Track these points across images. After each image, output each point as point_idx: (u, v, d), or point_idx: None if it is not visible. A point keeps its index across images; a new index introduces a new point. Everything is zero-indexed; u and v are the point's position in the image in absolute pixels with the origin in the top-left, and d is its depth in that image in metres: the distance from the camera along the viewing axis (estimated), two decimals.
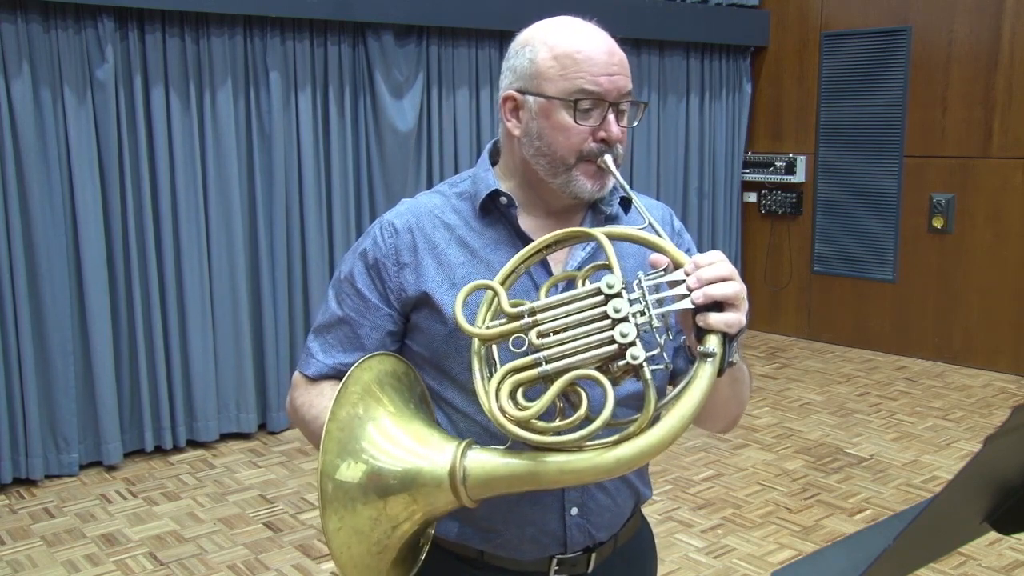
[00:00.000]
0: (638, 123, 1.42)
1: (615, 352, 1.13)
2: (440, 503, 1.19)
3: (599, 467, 1.13)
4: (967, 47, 5.75)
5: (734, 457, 4.50)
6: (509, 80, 1.37)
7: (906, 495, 4.04)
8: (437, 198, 1.43)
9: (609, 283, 1.15)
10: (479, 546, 1.40)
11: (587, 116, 1.31)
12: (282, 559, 3.52)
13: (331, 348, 1.41)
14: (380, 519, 1.17)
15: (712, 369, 1.14)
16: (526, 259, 1.24)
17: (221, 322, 4.73)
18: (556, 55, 1.32)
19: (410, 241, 1.38)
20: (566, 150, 1.32)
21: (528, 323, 1.16)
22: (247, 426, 4.83)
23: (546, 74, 1.32)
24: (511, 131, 1.37)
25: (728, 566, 3.44)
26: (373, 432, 1.19)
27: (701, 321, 1.15)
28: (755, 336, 6.88)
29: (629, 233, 1.24)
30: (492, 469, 1.17)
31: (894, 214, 6.17)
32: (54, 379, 4.27)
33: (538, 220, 1.40)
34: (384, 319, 1.39)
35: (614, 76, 1.32)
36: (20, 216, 4.12)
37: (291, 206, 4.88)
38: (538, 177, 1.37)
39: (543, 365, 1.14)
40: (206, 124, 4.60)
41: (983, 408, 5.18)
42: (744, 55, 6.74)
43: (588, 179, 1.34)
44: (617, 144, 1.34)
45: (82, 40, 4.22)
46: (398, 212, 1.42)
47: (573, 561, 1.42)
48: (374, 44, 5.04)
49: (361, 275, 1.40)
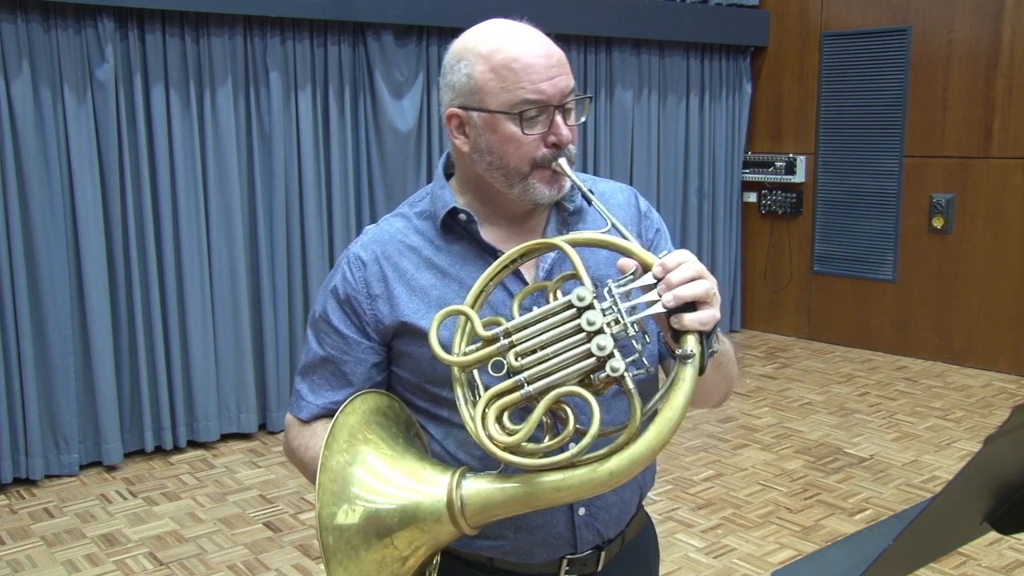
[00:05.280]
0: (585, 118, 1.41)
1: (595, 365, 1.13)
2: (442, 535, 1.19)
3: (594, 482, 1.13)
4: (967, 47, 5.75)
5: (734, 457, 4.50)
6: (450, 97, 1.34)
7: (906, 495, 4.04)
8: (399, 221, 1.43)
9: (580, 296, 1.14)
10: (489, 554, 1.40)
11: (534, 124, 1.30)
12: (282, 559, 3.52)
13: (319, 388, 1.41)
14: (385, 561, 1.16)
15: (693, 370, 1.13)
16: (493, 277, 1.24)
17: (221, 322, 4.73)
18: (493, 67, 1.29)
19: (378, 272, 1.37)
20: (519, 161, 1.31)
21: (505, 345, 1.16)
22: (247, 426, 4.83)
23: (486, 88, 1.29)
24: (460, 148, 1.36)
25: (728, 566, 3.44)
26: (366, 476, 1.18)
27: (676, 323, 1.14)
28: (755, 336, 6.89)
29: (593, 238, 1.23)
30: (489, 495, 1.17)
31: (894, 214, 6.17)
32: (54, 379, 4.27)
33: (501, 229, 1.39)
34: (366, 352, 1.38)
35: (555, 79, 1.30)
36: (20, 216, 4.12)
37: (291, 206, 4.88)
38: (495, 189, 1.36)
39: (525, 387, 1.14)
40: (206, 124, 4.60)
41: (983, 408, 5.18)
42: (744, 55, 6.74)
43: (545, 185, 1.33)
44: (569, 145, 1.33)
45: (82, 40, 4.22)
46: (363, 243, 1.41)
47: (583, 561, 1.42)
48: (374, 44, 5.04)
49: (335, 312, 1.39)
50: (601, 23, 5.81)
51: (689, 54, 6.47)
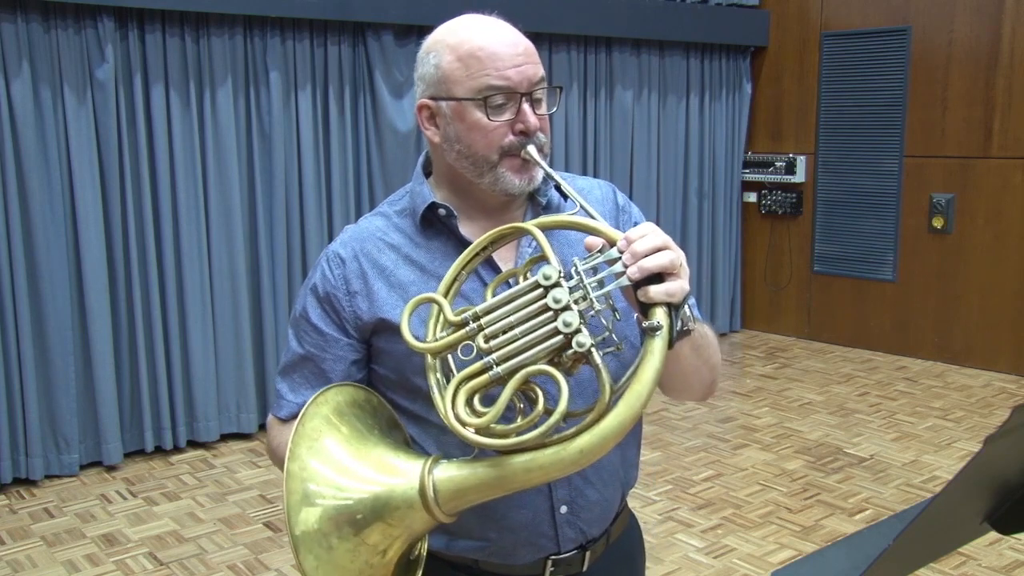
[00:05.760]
0: (557, 109, 1.41)
1: (562, 343, 1.12)
2: (417, 523, 1.18)
3: (564, 460, 1.12)
4: (967, 47, 5.75)
5: (734, 457, 4.50)
6: (421, 89, 1.37)
7: (906, 495, 4.04)
8: (379, 220, 1.44)
9: (546, 274, 1.14)
10: (473, 555, 1.40)
11: (500, 111, 1.31)
12: (282, 559, 3.52)
13: (299, 387, 1.41)
14: (359, 550, 1.15)
15: (662, 343, 1.12)
16: (465, 264, 1.24)
17: (221, 322, 4.73)
18: (459, 56, 1.31)
19: (357, 268, 1.38)
20: (486, 148, 1.32)
21: (473, 329, 1.15)
22: (247, 426, 4.84)
23: (452, 76, 1.32)
24: (431, 139, 1.37)
25: (728, 566, 3.44)
26: (336, 465, 1.17)
27: (642, 295, 1.13)
28: (755, 336, 6.89)
29: (560, 220, 1.23)
30: (460, 480, 1.16)
31: (894, 214, 6.17)
32: (54, 379, 4.27)
33: (478, 223, 1.39)
34: (345, 349, 1.39)
35: (521, 67, 1.31)
36: (20, 216, 4.12)
37: (291, 206, 4.88)
38: (466, 180, 1.37)
39: (494, 368, 1.14)
40: (206, 124, 4.60)
41: (983, 408, 5.18)
42: (744, 55, 6.74)
43: (514, 174, 1.33)
44: (539, 133, 1.33)
45: (82, 40, 4.22)
46: (343, 241, 1.42)
47: (568, 561, 1.42)
48: (374, 44, 5.04)
49: (315, 310, 1.39)
50: (601, 23, 5.81)
51: (689, 54, 6.47)
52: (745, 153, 6.87)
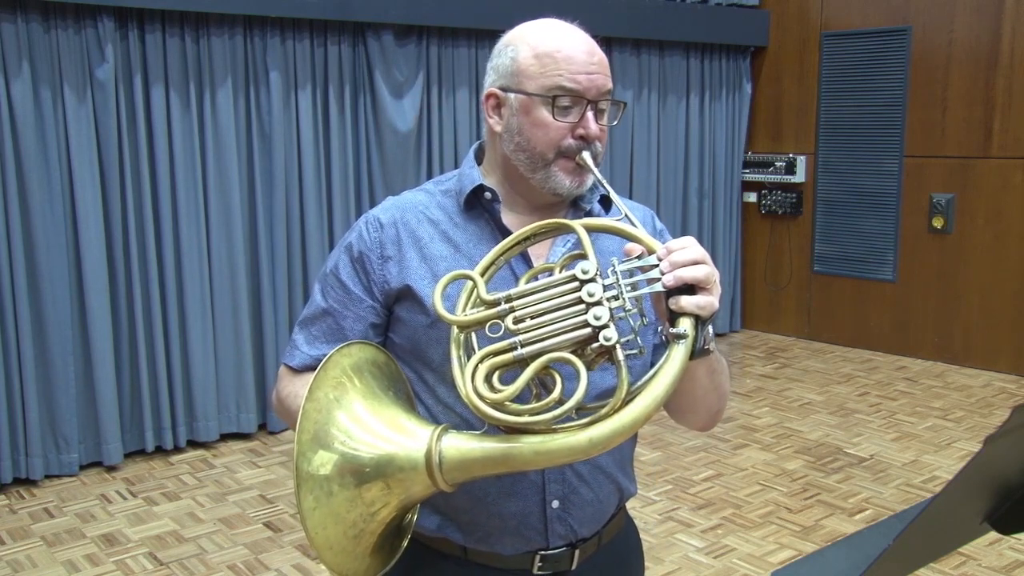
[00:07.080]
0: (618, 123, 1.45)
1: (589, 335, 1.15)
2: (417, 487, 1.20)
3: (573, 447, 1.14)
4: (967, 47, 5.75)
5: (734, 457, 4.50)
6: (492, 79, 1.41)
7: (906, 495, 4.04)
8: (422, 195, 1.47)
9: (584, 269, 1.17)
10: (461, 541, 1.41)
11: (566, 113, 1.34)
12: (282, 559, 3.52)
13: (315, 340, 1.43)
14: (356, 502, 1.18)
15: (684, 351, 1.15)
16: (506, 251, 1.27)
17: (221, 322, 4.73)
18: (537, 53, 1.35)
19: (394, 235, 1.41)
20: (545, 145, 1.35)
21: (505, 309, 1.18)
22: (247, 426, 4.84)
23: (527, 71, 1.35)
24: (493, 127, 1.41)
25: (728, 566, 3.44)
26: (350, 414, 1.20)
27: (673, 304, 1.16)
28: (755, 336, 6.89)
29: (606, 224, 1.26)
30: (467, 452, 1.18)
31: (894, 214, 6.17)
32: (54, 379, 4.27)
33: (520, 216, 1.42)
34: (367, 311, 1.41)
35: (593, 75, 1.36)
36: (20, 216, 4.12)
37: (291, 206, 4.88)
38: (519, 173, 1.39)
39: (518, 349, 1.16)
40: (206, 124, 4.60)
41: (983, 408, 5.18)
42: (744, 55, 6.74)
43: (567, 175, 1.37)
44: (596, 142, 1.36)
45: (82, 40, 4.22)
46: (383, 207, 1.45)
47: (556, 557, 1.42)
48: (374, 44, 5.04)
49: (346, 267, 1.42)
50: (601, 23, 5.80)
51: (689, 54, 6.47)
52: (745, 153, 6.87)
